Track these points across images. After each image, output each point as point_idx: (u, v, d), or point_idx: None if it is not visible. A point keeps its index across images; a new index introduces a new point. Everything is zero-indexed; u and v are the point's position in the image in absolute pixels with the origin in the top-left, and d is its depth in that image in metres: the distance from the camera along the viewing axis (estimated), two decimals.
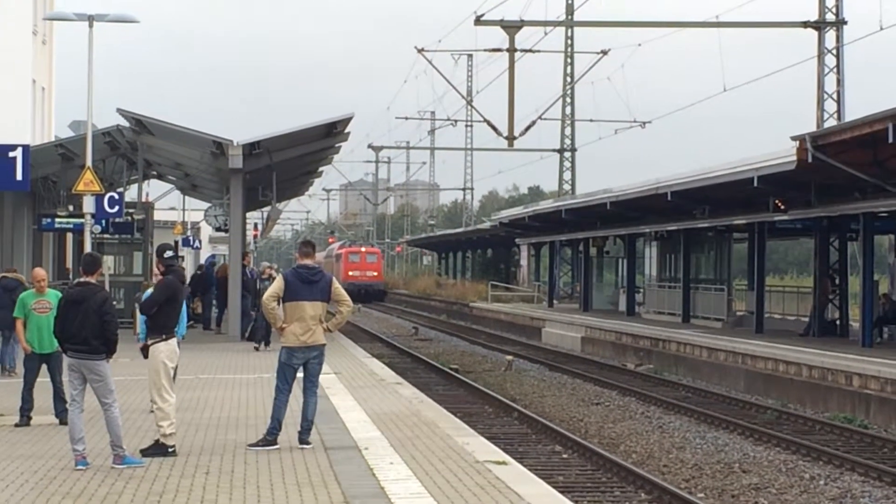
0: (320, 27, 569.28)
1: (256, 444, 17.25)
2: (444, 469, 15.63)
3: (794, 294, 52.48)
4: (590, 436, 27.07)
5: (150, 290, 19.39)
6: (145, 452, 16.39)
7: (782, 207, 39.36)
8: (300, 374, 17.61)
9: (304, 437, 17.40)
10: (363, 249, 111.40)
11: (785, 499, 20.26)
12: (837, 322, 41.89)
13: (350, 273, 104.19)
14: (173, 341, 17.39)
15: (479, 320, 75.74)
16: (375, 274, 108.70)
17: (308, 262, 17.56)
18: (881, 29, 42.08)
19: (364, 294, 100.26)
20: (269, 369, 20.67)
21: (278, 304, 17.39)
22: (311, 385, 17.63)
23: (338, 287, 17.73)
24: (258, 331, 34.84)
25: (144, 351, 18.46)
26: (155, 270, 21.29)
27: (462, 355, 49.17)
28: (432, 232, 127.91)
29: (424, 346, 53.38)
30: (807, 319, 43.90)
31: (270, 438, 17.27)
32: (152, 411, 18.42)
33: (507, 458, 17.09)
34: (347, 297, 18.18)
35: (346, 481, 14.56)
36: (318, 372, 17.70)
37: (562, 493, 15.34)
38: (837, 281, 42.14)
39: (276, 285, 17.56)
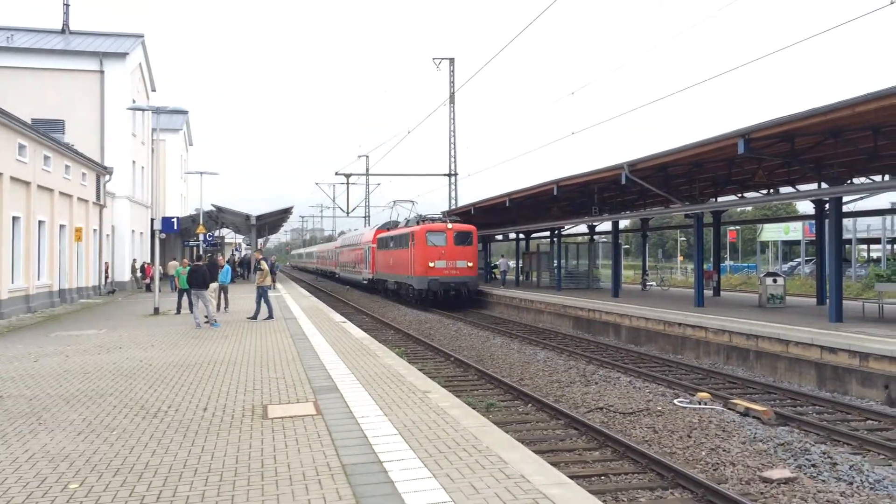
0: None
1: (251, 318, 15.86)
2: (332, 332, 14.23)
3: None
4: (386, 317, 22.11)
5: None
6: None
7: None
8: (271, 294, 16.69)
9: (271, 316, 16.05)
10: (449, 226, 18.86)
11: (472, 344, 17.40)
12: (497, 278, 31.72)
13: (431, 265, 18.79)
14: (214, 285, 16.58)
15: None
16: (470, 265, 18.77)
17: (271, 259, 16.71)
18: (469, 175, 42.86)
19: (455, 297, 19.73)
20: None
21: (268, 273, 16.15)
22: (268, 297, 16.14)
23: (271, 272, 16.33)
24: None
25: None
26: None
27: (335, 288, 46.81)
28: None
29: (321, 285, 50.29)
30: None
31: (257, 317, 15.80)
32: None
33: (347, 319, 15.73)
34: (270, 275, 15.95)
35: (292, 330, 13.66)
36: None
37: (371, 335, 13.97)
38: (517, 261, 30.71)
39: (266, 267, 16.33)
